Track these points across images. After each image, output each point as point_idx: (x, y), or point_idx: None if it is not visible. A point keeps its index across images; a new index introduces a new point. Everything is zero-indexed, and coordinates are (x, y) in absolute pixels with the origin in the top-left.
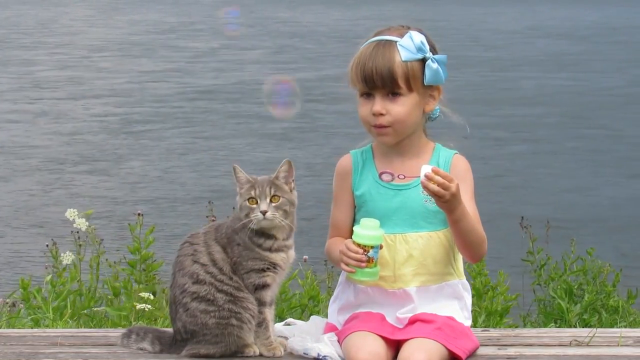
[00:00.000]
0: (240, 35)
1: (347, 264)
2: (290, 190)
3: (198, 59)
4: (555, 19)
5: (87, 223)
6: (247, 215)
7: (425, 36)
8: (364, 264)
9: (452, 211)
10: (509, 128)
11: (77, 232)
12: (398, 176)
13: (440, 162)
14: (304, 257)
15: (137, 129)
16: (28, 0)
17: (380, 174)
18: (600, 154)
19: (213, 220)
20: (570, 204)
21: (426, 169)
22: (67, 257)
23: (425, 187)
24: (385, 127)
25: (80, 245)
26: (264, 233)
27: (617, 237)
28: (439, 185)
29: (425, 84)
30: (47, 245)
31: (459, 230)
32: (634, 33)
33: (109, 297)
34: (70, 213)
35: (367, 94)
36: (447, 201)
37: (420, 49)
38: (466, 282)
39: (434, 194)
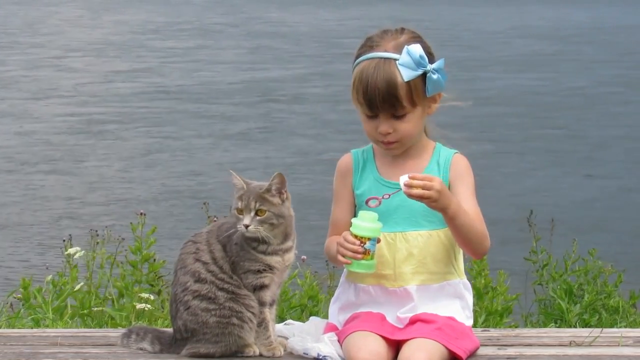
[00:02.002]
0: (222, 35)
1: (343, 255)
2: (282, 202)
3: (170, 58)
4: (543, 19)
5: (81, 252)
6: (236, 223)
7: (420, 38)
8: (359, 256)
9: (446, 209)
10: (470, 128)
11: (96, 231)
12: (383, 197)
13: (441, 161)
14: (302, 257)
15: (99, 129)
16: (21, 0)
17: (367, 201)
18: (561, 155)
19: (215, 221)
20: (531, 204)
21: (404, 179)
22: (77, 252)
23: (409, 195)
24: (392, 142)
25: (97, 242)
26: (256, 237)
27: (581, 238)
28: (421, 187)
29: (427, 96)
30: (64, 240)
31: (456, 227)
32: (617, 33)
33: (111, 297)
34: (74, 250)
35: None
36: (436, 200)
37: (419, 64)
38: (467, 281)
39: (420, 198)
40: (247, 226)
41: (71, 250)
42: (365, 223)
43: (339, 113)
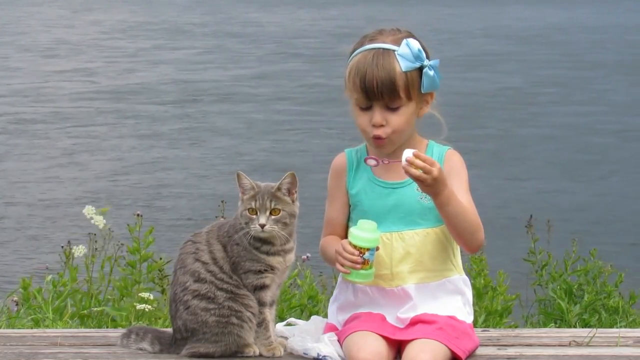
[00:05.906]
0: (185, 35)
1: (342, 265)
2: (292, 202)
3: (118, 59)
4: (517, 19)
5: (104, 221)
6: (247, 224)
7: (417, 39)
8: (358, 266)
9: (437, 195)
10: None
11: (95, 234)
12: (382, 160)
13: (434, 158)
14: (303, 257)
15: (26, 129)
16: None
17: (365, 160)
18: (484, 155)
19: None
20: None
21: (407, 154)
22: (79, 250)
23: (407, 172)
24: (383, 139)
25: (95, 241)
26: (261, 238)
27: (506, 242)
28: (421, 169)
29: (422, 91)
30: (62, 247)
31: (447, 215)
32: (577, 34)
33: (112, 297)
34: (88, 210)
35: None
36: (430, 186)
37: (417, 57)
38: (466, 277)
39: (416, 179)
40: (263, 226)
41: (76, 251)
42: (364, 233)
43: (266, 113)
